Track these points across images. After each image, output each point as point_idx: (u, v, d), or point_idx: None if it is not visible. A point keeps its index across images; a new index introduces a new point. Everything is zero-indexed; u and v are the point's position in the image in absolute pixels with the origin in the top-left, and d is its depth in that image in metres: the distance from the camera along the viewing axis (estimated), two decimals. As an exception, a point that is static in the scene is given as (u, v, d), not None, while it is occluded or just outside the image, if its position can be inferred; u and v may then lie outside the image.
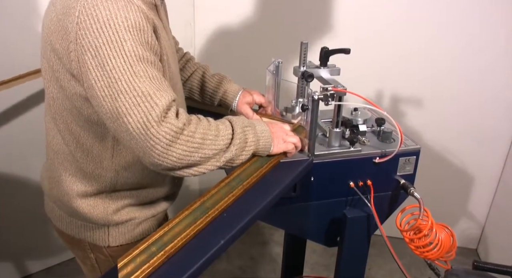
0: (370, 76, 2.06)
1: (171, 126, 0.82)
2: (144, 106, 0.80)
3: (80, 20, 0.80)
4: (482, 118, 2.09)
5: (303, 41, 1.21)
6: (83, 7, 0.80)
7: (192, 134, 0.85)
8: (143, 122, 0.80)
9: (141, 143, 0.82)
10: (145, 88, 0.81)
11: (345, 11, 2.02)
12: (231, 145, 0.92)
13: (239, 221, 0.87)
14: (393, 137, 1.22)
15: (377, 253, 2.03)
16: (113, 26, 0.79)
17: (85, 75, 0.82)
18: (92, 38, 0.79)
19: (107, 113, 0.82)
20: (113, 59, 0.79)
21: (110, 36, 0.79)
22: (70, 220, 1.06)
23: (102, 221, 1.03)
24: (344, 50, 1.19)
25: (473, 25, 1.94)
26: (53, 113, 0.97)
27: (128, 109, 0.80)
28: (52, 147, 1.02)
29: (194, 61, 1.32)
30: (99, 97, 0.82)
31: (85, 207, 1.01)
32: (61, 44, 0.84)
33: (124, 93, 0.80)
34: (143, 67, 0.82)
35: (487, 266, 1.09)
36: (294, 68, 1.24)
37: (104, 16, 0.79)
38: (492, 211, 2.26)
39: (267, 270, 2.21)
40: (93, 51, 0.80)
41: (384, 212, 1.23)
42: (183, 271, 0.75)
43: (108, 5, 0.79)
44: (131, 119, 0.80)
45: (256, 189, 1.00)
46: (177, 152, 0.84)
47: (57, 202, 1.07)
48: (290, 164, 1.10)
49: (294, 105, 1.27)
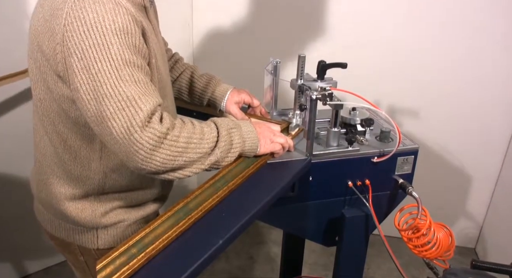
0: (369, 76, 2.06)
1: (154, 131, 0.81)
2: (129, 111, 0.80)
3: (67, 22, 0.79)
4: (480, 119, 2.09)
5: (301, 55, 1.21)
6: (70, 9, 0.79)
7: (176, 138, 0.85)
8: (127, 127, 0.80)
9: (125, 148, 0.81)
10: (130, 92, 0.80)
11: (345, 11, 2.02)
12: (216, 147, 0.92)
13: (237, 220, 0.87)
14: (391, 137, 1.22)
15: (376, 253, 2.03)
16: (100, 29, 0.79)
17: (71, 78, 0.82)
18: (79, 40, 0.79)
19: (91, 117, 0.82)
20: (99, 62, 0.79)
21: (97, 39, 0.78)
22: (59, 223, 1.05)
23: (90, 223, 1.01)
24: (341, 65, 1.20)
25: (472, 26, 1.94)
26: (40, 114, 0.96)
27: (112, 114, 0.80)
28: (40, 149, 1.01)
29: (182, 61, 1.32)
30: (84, 101, 0.81)
31: (73, 210, 1.00)
32: (48, 45, 0.83)
33: (109, 97, 0.79)
34: (129, 71, 0.81)
35: (486, 265, 1.09)
36: (292, 81, 1.25)
37: (91, 19, 0.78)
38: (490, 211, 2.27)
39: (265, 269, 2.21)
40: (79, 54, 0.79)
41: (383, 212, 1.23)
42: (182, 270, 0.75)
43: (96, 7, 0.79)
44: (115, 123, 0.80)
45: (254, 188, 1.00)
46: (160, 156, 0.83)
47: (45, 205, 1.06)
48: (288, 163, 1.11)
49: (291, 117, 1.26)
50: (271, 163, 1.10)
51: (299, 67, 1.22)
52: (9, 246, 1.97)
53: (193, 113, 1.38)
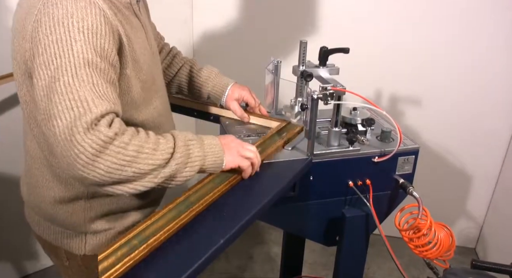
0: (370, 75, 2.06)
1: (99, 134, 0.74)
2: (77, 111, 0.73)
3: (38, 18, 0.78)
4: (481, 119, 2.09)
5: (302, 40, 1.21)
6: (42, 5, 0.78)
7: (124, 145, 0.76)
8: (70, 127, 0.73)
9: (65, 151, 0.73)
10: (83, 93, 0.74)
11: (345, 10, 2.02)
12: (171, 159, 0.82)
13: (238, 220, 0.87)
14: (392, 136, 1.22)
15: (376, 253, 2.03)
16: (66, 25, 0.76)
17: (32, 74, 0.79)
18: (43, 35, 0.76)
19: (41, 115, 0.76)
20: (59, 58, 0.75)
21: (61, 34, 0.75)
22: (47, 226, 1.03)
23: (79, 228, 0.99)
24: (343, 50, 1.19)
25: (472, 25, 1.94)
26: (27, 117, 0.93)
27: (59, 112, 0.73)
28: (29, 151, 0.99)
29: (181, 56, 1.30)
30: (38, 97, 0.76)
31: (63, 213, 0.98)
32: (21, 44, 0.82)
33: (59, 94, 0.74)
34: (89, 72, 0.76)
35: (486, 265, 1.09)
36: (293, 67, 1.24)
37: (60, 15, 0.76)
38: (490, 211, 2.27)
39: (265, 269, 2.21)
40: (41, 49, 0.76)
41: (383, 211, 1.23)
42: (182, 270, 0.75)
43: (67, 4, 0.77)
44: (60, 122, 0.73)
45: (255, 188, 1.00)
46: (105, 164, 0.74)
47: (35, 208, 1.04)
48: (289, 163, 1.10)
49: (293, 104, 1.27)
50: (272, 163, 1.10)
51: (300, 54, 1.21)
52: (9, 246, 1.97)
53: (194, 113, 1.38)
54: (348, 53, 1.19)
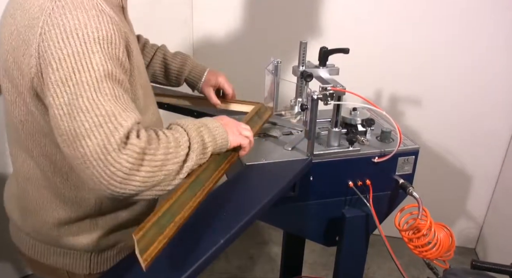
0: (369, 76, 2.06)
1: (133, 147, 0.71)
2: (107, 127, 0.70)
3: (44, 30, 0.71)
4: (481, 119, 2.09)
5: (302, 41, 1.21)
6: (48, 16, 0.71)
7: (153, 152, 0.74)
8: (103, 145, 0.69)
9: (100, 171, 0.70)
10: (109, 107, 0.71)
11: (345, 11, 2.02)
12: (190, 151, 0.82)
13: (238, 220, 0.87)
14: (392, 137, 1.22)
15: (376, 253, 2.03)
16: (81, 36, 0.71)
17: (45, 91, 0.73)
18: (56, 49, 0.70)
19: (62, 136, 0.71)
20: (78, 73, 0.70)
21: (77, 47, 0.70)
22: (46, 248, 0.97)
23: (86, 247, 0.94)
24: (343, 50, 1.20)
25: (472, 25, 1.94)
26: (23, 138, 0.87)
27: (87, 130, 0.69)
28: (23, 174, 0.93)
29: (149, 43, 1.29)
30: (56, 117, 0.71)
31: (69, 234, 0.93)
32: (23, 60, 0.75)
33: (85, 111, 0.70)
34: (110, 84, 0.73)
35: (486, 266, 1.09)
36: (293, 67, 1.25)
37: (72, 26, 0.71)
38: (490, 211, 2.27)
39: (265, 269, 2.21)
40: (55, 64, 0.70)
41: (383, 212, 1.23)
42: (182, 270, 0.75)
43: (77, 13, 0.71)
44: (89, 142, 0.69)
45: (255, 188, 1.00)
46: (140, 175, 0.72)
47: (32, 233, 0.97)
48: (289, 163, 1.11)
49: (293, 105, 1.27)
50: (272, 163, 1.10)
51: (300, 54, 1.21)
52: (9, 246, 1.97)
53: (194, 113, 1.38)
54: (348, 53, 1.19)
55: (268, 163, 1.11)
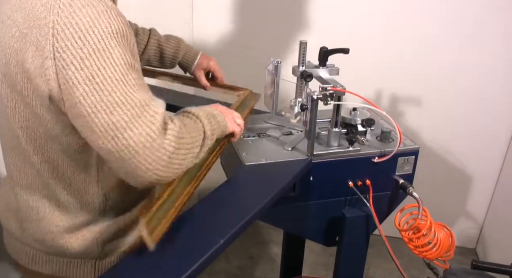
0: (369, 76, 2.06)
1: (171, 131, 0.76)
2: (145, 117, 0.73)
3: (57, 31, 0.70)
4: (481, 119, 2.09)
5: (302, 41, 1.21)
6: (57, 16, 0.71)
7: (185, 135, 0.80)
8: (147, 134, 0.73)
9: (146, 159, 0.73)
10: (141, 97, 0.74)
11: (345, 11, 2.02)
12: (205, 136, 0.87)
13: (238, 220, 0.87)
14: (392, 137, 1.22)
15: (376, 253, 2.02)
16: (97, 33, 0.71)
17: (68, 93, 0.72)
18: (75, 49, 0.70)
19: (100, 132, 0.73)
20: (103, 69, 0.71)
21: (96, 44, 0.71)
22: (48, 258, 0.95)
23: (92, 254, 0.93)
24: (343, 50, 1.20)
25: (471, 25, 1.94)
26: (22, 145, 0.85)
27: (128, 123, 0.72)
28: (21, 183, 0.90)
29: (140, 29, 1.29)
30: (90, 115, 0.72)
31: (74, 241, 0.91)
32: (33, 62, 0.73)
33: (121, 105, 0.72)
34: (134, 75, 0.75)
35: (486, 266, 1.09)
36: (293, 67, 1.25)
37: (86, 23, 0.70)
38: (490, 211, 2.27)
39: (266, 269, 2.21)
40: (77, 64, 0.70)
41: (383, 212, 1.23)
42: (182, 270, 0.75)
43: (87, 11, 0.71)
44: (132, 133, 0.72)
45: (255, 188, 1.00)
46: (178, 158, 0.77)
47: (33, 243, 0.95)
48: (289, 163, 1.11)
49: (293, 105, 1.27)
50: (272, 163, 1.10)
51: (300, 54, 1.21)
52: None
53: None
54: (348, 53, 1.19)
55: (268, 163, 1.11)
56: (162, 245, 0.81)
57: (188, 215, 0.92)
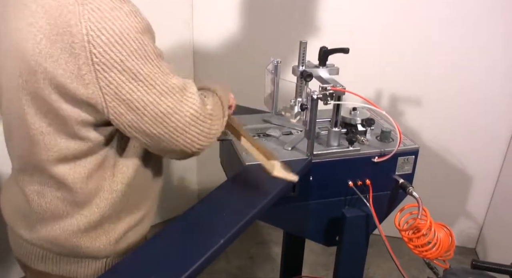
0: (369, 76, 2.06)
1: (208, 109, 0.86)
2: (186, 100, 0.83)
3: (92, 37, 0.73)
4: (481, 119, 2.09)
5: (302, 41, 1.21)
6: (89, 22, 0.73)
7: (215, 110, 0.90)
8: (191, 114, 0.83)
9: (193, 134, 0.85)
10: (177, 82, 0.83)
11: (344, 11, 2.02)
12: (224, 109, 0.95)
13: (238, 220, 0.87)
14: (392, 137, 1.22)
15: (376, 252, 2.02)
16: (131, 34, 0.75)
17: (113, 93, 0.77)
18: (114, 53, 0.75)
19: (150, 121, 0.81)
20: (143, 66, 0.78)
21: (132, 45, 0.76)
22: (59, 258, 0.96)
23: (103, 252, 0.94)
24: (343, 50, 1.20)
25: (471, 25, 1.94)
26: (40, 150, 0.86)
27: (174, 108, 0.81)
28: (33, 186, 0.92)
29: None
30: (139, 109, 0.80)
31: (87, 240, 0.92)
32: (67, 68, 0.76)
33: (165, 94, 0.80)
34: (166, 64, 0.83)
35: (486, 265, 1.09)
36: (293, 67, 1.25)
37: (119, 27, 0.74)
38: (490, 211, 2.27)
39: (266, 269, 2.21)
40: (118, 66, 0.75)
41: (383, 212, 1.23)
42: (182, 270, 0.75)
43: (116, 14, 0.75)
44: (178, 116, 0.82)
45: (255, 188, 1.00)
46: (215, 129, 0.89)
47: (45, 244, 0.95)
48: (289, 163, 1.11)
49: (293, 104, 1.27)
50: (272, 163, 1.10)
51: (300, 54, 1.21)
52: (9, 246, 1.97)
53: None
54: (348, 53, 1.19)
55: (268, 162, 1.10)
56: (162, 244, 0.81)
57: (188, 215, 0.92)
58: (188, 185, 2.49)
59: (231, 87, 1.05)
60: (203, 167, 2.43)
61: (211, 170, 1.76)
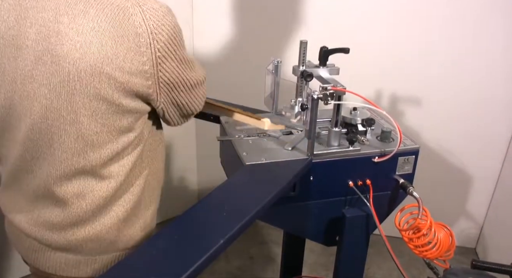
0: (370, 76, 2.06)
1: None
2: (199, 70, 0.99)
3: (156, 34, 0.83)
4: (481, 119, 2.09)
5: (302, 41, 1.21)
6: (150, 21, 0.82)
7: None
8: (202, 81, 1.02)
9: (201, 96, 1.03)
10: (192, 57, 0.96)
11: (344, 11, 2.02)
12: None
13: (238, 220, 0.87)
14: (392, 137, 1.22)
15: (376, 252, 2.03)
16: (177, 28, 0.87)
17: (166, 79, 0.88)
18: (172, 46, 0.86)
19: (182, 93, 0.95)
20: (185, 53, 0.91)
21: (179, 37, 0.89)
22: (93, 260, 0.97)
23: (138, 238, 0.99)
24: (344, 50, 1.19)
25: (471, 25, 1.94)
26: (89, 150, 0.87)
27: (197, 79, 0.98)
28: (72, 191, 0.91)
29: None
30: (180, 86, 0.93)
31: (124, 232, 0.96)
32: (132, 65, 0.82)
33: (194, 70, 0.96)
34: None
35: (486, 265, 1.09)
36: (294, 67, 1.24)
37: (170, 22, 0.85)
38: (490, 211, 2.27)
39: (266, 270, 2.21)
40: (173, 56, 0.88)
41: (383, 212, 1.23)
42: (182, 270, 0.75)
43: (165, 12, 0.85)
44: (199, 85, 1.00)
45: (255, 188, 1.00)
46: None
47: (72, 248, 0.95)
48: (289, 163, 1.11)
49: (293, 104, 1.27)
50: (272, 163, 1.10)
51: (300, 54, 1.21)
52: (9, 246, 1.97)
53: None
54: (348, 53, 1.19)
55: (268, 162, 1.11)
56: (162, 245, 0.81)
57: (188, 215, 0.92)
58: (188, 185, 2.49)
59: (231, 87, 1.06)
60: (203, 167, 2.44)
61: (211, 170, 1.76)
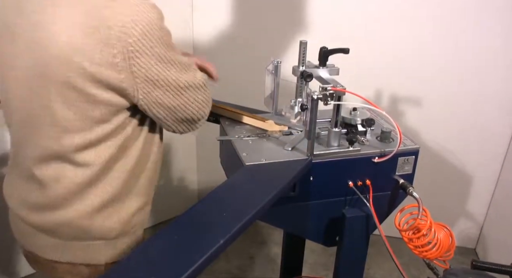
0: (369, 76, 2.06)
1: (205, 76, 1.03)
2: (195, 74, 0.97)
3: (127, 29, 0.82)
4: (481, 118, 2.09)
5: (302, 41, 1.21)
6: (123, 15, 0.81)
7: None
8: (200, 86, 0.98)
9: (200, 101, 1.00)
10: (186, 60, 0.95)
11: (344, 11, 2.02)
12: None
13: (238, 220, 0.87)
14: (392, 137, 1.22)
15: (376, 253, 2.03)
16: (157, 25, 0.85)
17: (143, 76, 0.87)
18: (146, 41, 0.84)
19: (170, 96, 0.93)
20: (167, 51, 0.89)
21: (158, 34, 0.86)
22: (69, 245, 0.99)
23: (113, 233, 0.99)
24: (343, 50, 1.20)
25: (471, 24, 1.94)
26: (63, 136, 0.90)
27: (189, 81, 0.95)
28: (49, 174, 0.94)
29: None
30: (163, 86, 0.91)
31: (99, 220, 0.96)
32: (102, 57, 0.82)
33: (183, 71, 0.94)
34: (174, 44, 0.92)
35: (486, 266, 1.09)
36: (293, 67, 1.25)
37: (147, 18, 0.84)
38: (490, 211, 2.27)
39: (266, 270, 2.21)
40: (149, 52, 0.85)
41: (383, 212, 1.23)
42: (182, 270, 0.75)
43: (144, 7, 0.84)
44: (192, 88, 0.97)
45: (256, 188, 1.00)
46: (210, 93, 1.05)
47: (56, 231, 0.98)
48: (289, 163, 1.11)
49: (293, 105, 1.27)
50: (272, 163, 1.10)
51: (300, 54, 1.21)
52: (9, 246, 1.97)
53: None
54: (348, 53, 1.19)
55: (268, 163, 1.11)
56: (162, 245, 0.81)
57: (188, 215, 0.92)
58: (188, 185, 2.49)
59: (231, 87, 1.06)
60: (203, 167, 2.44)
61: (211, 170, 1.76)
